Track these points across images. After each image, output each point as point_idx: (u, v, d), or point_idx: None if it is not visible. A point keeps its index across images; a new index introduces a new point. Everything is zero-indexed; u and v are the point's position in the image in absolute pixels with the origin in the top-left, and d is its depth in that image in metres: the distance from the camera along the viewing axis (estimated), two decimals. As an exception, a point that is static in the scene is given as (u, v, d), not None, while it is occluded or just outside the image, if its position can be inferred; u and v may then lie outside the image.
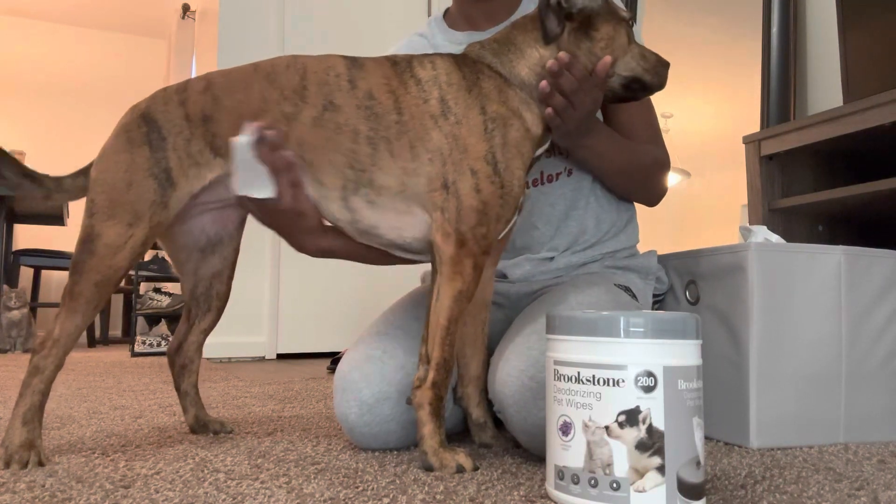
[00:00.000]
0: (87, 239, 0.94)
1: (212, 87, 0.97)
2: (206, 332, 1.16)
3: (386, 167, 0.92)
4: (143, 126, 0.97)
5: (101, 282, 0.94)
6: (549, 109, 0.95)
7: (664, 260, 1.30)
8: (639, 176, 1.19)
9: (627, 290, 1.14)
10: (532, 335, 0.95)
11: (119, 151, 0.96)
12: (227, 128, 0.95)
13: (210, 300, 1.14)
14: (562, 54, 0.92)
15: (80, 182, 1.03)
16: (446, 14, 1.31)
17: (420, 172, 0.91)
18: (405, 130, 0.92)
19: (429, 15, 3.55)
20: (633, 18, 1.00)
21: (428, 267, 1.29)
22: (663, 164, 1.21)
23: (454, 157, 0.90)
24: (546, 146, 1.01)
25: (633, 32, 1.00)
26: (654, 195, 1.23)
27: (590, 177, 1.20)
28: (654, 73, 0.99)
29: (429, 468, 0.88)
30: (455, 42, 1.24)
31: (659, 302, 1.31)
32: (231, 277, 1.15)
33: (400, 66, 0.96)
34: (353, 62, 0.97)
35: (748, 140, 1.93)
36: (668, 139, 1.28)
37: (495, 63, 0.96)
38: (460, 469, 0.87)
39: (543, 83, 0.93)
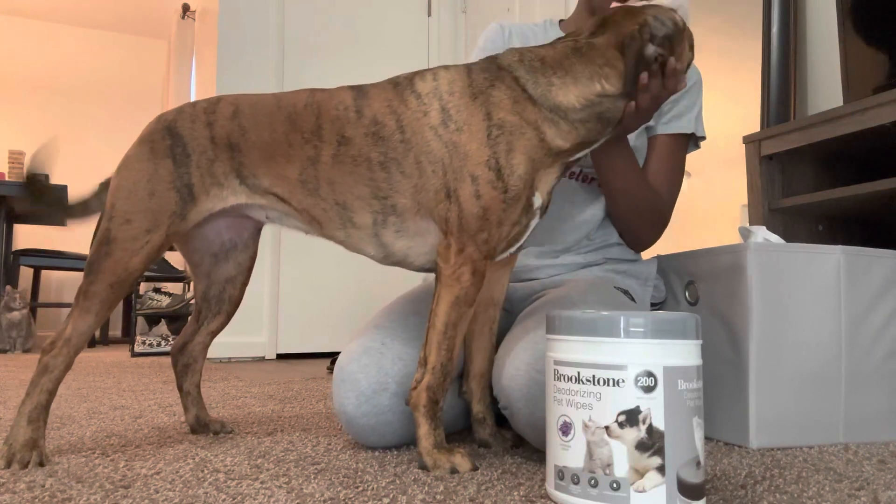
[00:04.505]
0: (105, 241, 0.96)
1: (239, 115, 0.98)
2: (214, 334, 1.17)
3: (401, 188, 0.93)
4: (168, 139, 0.98)
5: (115, 283, 0.96)
6: (633, 104, 0.92)
7: (663, 261, 1.30)
8: (638, 208, 1.19)
9: (626, 293, 1.15)
10: (538, 331, 0.96)
11: (142, 160, 0.98)
12: (256, 162, 0.97)
13: (221, 303, 1.15)
14: (672, 61, 0.91)
15: (103, 199, 1.06)
16: (561, 22, 1.35)
17: (428, 187, 0.91)
18: (410, 147, 0.92)
19: (429, 15, 3.55)
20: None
21: None
22: (662, 213, 1.22)
23: (454, 164, 0.90)
24: (581, 155, 0.97)
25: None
26: (643, 238, 1.24)
27: None
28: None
29: (424, 468, 0.89)
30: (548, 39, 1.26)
31: (656, 309, 1.31)
32: (245, 284, 1.16)
33: (401, 84, 0.96)
34: (359, 91, 0.97)
35: (748, 140, 1.93)
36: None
37: (526, 80, 0.91)
38: (454, 470, 0.87)
39: (645, 75, 0.90)
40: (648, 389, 0.68)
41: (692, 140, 1.27)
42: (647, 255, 1.32)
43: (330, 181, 0.95)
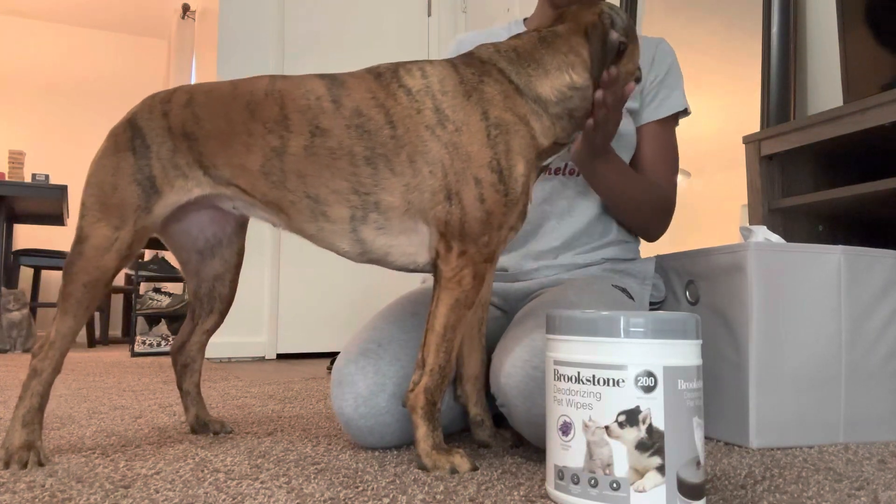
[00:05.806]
0: (78, 241, 0.96)
1: (193, 103, 0.96)
2: (210, 332, 1.16)
3: (389, 186, 0.90)
4: (129, 132, 0.97)
5: (89, 282, 0.95)
6: (591, 121, 0.96)
7: (664, 261, 1.30)
8: (643, 209, 1.20)
9: (624, 291, 1.15)
10: (535, 329, 0.95)
11: (107, 156, 0.97)
12: (213, 152, 0.95)
13: (213, 301, 1.14)
14: (613, 69, 0.92)
15: None
16: (525, 20, 1.35)
17: (423, 188, 0.89)
18: (402, 144, 0.89)
19: (429, 15, 3.55)
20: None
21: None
22: (667, 205, 1.23)
23: (456, 166, 0.88)
24: (551, 160, 0.99)
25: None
26: (652, 231, 1.26)
27: None
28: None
29: (423, 469, 0.88)
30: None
31: (656, 309, 1.31)
32: (234, 280, 1.15)
33: (384, 76, 0.93)
34: (333, 80, 0.94)
35: (748, 140, 1.93)
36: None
37: (509, 70, 0.93)
38: (454, 471, 0.87)
39: (599, 93, 0.93)
40: (648, 389, 0.68)
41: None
42: (646, 253, 1.32)
43: (300, 174, 0.92)
